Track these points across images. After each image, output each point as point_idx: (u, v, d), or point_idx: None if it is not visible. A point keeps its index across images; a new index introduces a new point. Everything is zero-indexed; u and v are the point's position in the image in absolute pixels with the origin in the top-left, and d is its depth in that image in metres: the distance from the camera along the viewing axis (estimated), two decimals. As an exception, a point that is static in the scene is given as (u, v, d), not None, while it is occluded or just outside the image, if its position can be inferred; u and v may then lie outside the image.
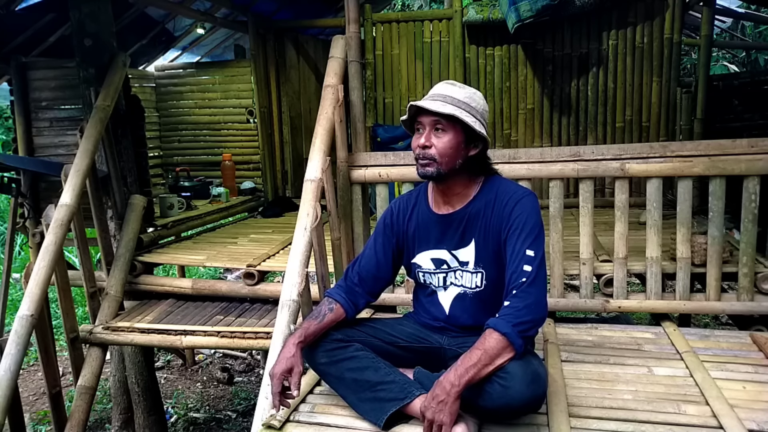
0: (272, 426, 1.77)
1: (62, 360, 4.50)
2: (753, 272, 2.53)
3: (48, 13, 3.94)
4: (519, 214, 1.77)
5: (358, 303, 1.96)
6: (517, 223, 1.76)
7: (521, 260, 1.72)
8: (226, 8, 5.08)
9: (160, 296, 3.37)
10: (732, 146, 2.47)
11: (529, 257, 1.71)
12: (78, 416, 2.77)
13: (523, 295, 1.68)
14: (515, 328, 1.63)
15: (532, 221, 1.76)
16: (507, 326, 1.63)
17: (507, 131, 4.77)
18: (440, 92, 1.80)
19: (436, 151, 1.78)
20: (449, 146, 1.77)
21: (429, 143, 1.78)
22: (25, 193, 3.80)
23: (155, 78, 5.51)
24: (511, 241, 1.76)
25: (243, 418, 4.38)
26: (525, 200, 1.79)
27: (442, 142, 1.77)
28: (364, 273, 1.98)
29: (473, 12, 4.57)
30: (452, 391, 1.58)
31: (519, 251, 1.73)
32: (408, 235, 1.98)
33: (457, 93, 1.79)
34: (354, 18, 2.89)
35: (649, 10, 4.41)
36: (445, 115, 1.74)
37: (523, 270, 1.70)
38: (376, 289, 2.02)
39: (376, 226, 2.08)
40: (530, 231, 1.75)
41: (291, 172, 5.51)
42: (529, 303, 1.67)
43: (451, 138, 1.77)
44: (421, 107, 1.77)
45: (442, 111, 1.73)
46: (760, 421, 1.71)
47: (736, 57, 9.33)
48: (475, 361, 1.60)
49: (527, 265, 1.70)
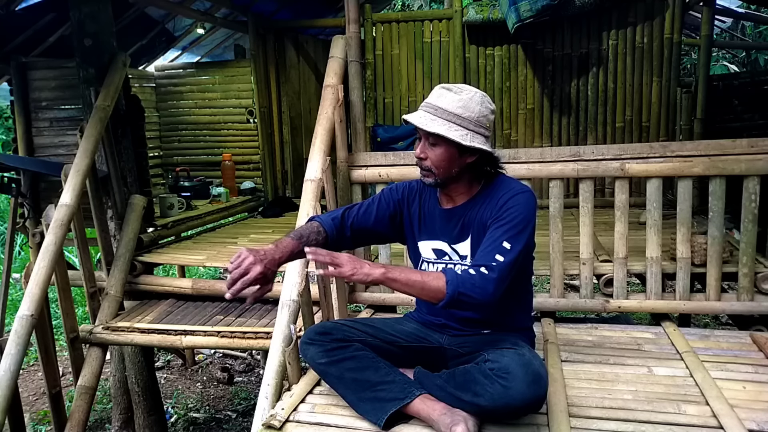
0: (272, 426, 1.77)
1: (62, 360, 4.50)
2: (753, 272, 2.53)
3: (48, 13, 3.94)
4: (509, 207, 1.76)
5: (343, 242, 1.99)
6: (505, 215, 1.75)
7: (496, 249, 1.69)
8: (226, 8, 5.08)
9: (160, 296, 3.37)
10: (732, 146, 2.47)
11: (504, 249, 1.68)
12: (78, 416, 2.77)
13: (483, 277, 1.65)
14: (459, 295, 1.64)
15: (519, 217, 1.73)
16: (453, 287, 1.64)
17: (507, 131, 4.77)
18: (433, 102, 1.79)
19: (431, 162, 1.81)
20: (442, 159, 1.79)
21: (424, 155, 1.82)
22: (25, 193, 3.80)
23: (155, 78, 5.51)
24: (493, 228, 1.75)
25: (243, 418, 4.38)
26: (519, 196, 1.78)
27: (435, 154, 1.80)
28: (357, 224, 1.99)
29: (473, 12, 4.57)
30: (374, 273, 1.65)
31: (497, 240, 1.70)
32: (412, 218, 1.99)
33: (450, 103, 1.77)
34: (354, 18, 2.89)
35: (649, 10, 4.41)
36: (432, 133, 1.76)
37: (494, 258, 1.67)
38: (361, 240, 2.09)
39: (383, 189, 2.08)
40: (515, 225, 1.72)
41: (291, 172, 5.51)
42: (486, 287, 1.64)
43: (443, 151, 1.78)
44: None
45: (429, 130, 1.74)
46: (760, 421, 1.71)
47: (736, 57, 9.32)
48: (411, 276, 1.69)
49: (500, 255, 1.67)
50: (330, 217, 1.97)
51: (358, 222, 1.98)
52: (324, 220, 1.95)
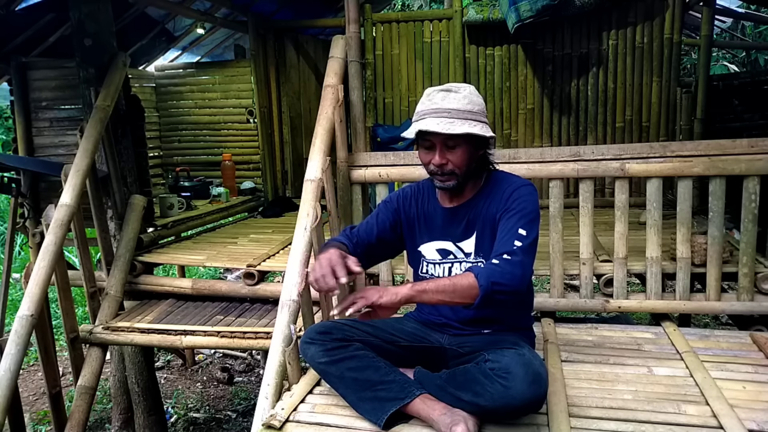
0: (272, 426, 1.77)
1: (62, 360, 4.50)
2: (753, 272, 2.53)
3: (48, 13, 3.93)
4: (516, 199, 1.80)
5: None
6: (514, 206, 1.79)
7: (513, 236, 1.73)
8: (226, 8, 5.08)
9: (160, 296, 3.37)
10: (732, 146, 2.47)
11: (521, 235, 1.73)
12: (78, 416, 2.77)
13: (509, 262, 1.68)
14: (492, 286, 1.64)
15: (529, 207, 1.79)
16: (485, 279, 1.64)
17: (507, 131, 4.77)
18: (441, 106, 1.78)
19: (453, 166, 1.81)
20: (465, 158, 1.81)
21: (445, 160, 1.81)
22: (25, 193, 3.79)
23: (155, 78, 5.51)
24: (505, 219, 1.79)
25: (243, 418, 4.37)
26: (523, 188, 1.83)
27: (457, 156, 1.80)
28: (363, 241, 1.99)
29: (473, 12, 4.57)
30: (401, 291, 1.70)
31: (512, 228, 1.75)
32: (411, 223, 2.00)
33: (458, 103, 1.78)
34: (354, 18, 2.89)
35: (649, 10, 4.41)
36: (459, 135, 1.76)
37: (513, 244, 1.71)
38: (372, 259, 2.08)
39: (379, 204, 2.10)
40: (526, 214, 1.77)
41: (291, 172, 5.51)
42: (514, 272, 1.66)
43: (465, 150, 1.81)
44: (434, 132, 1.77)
45: (456, 132, 1.74)
46: (760, 421, 1.71)
47: (736, 57, 9.32)
48: (439, 282, 1.71)
49: (518, 241, 1.72)
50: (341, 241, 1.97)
51: (366, 238, 2.00)
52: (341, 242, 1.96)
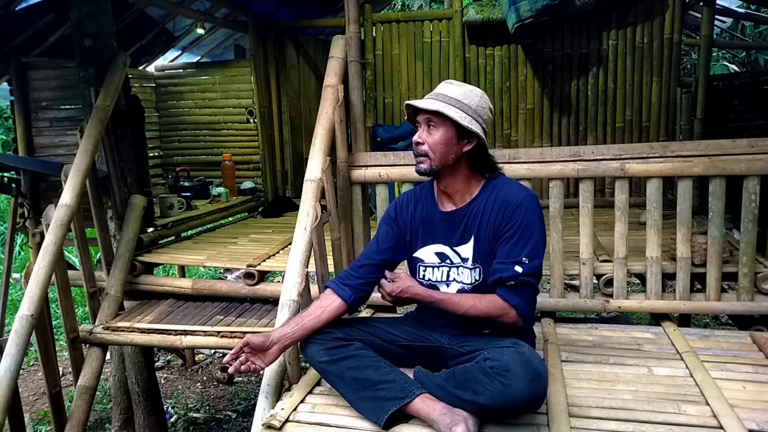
0: (272, 426, 1.77)
1: (62, 360, 4.50)
2: (753, 272, 2.53)
3: (48, 13, 3.94)
4: (518, 219, 1.81)
5: (359, 295, 1.97)
6: (515, 227, 1.81)
7: (515, 263, 1.78)
8: (226, 8, 5.08)
9: (160, 296, 3.37)
10: (732, 146, 2.47)
11: (524, 263, 1.78)
12: (78, 416, 2.77)
13: (520, 291, 1.79)
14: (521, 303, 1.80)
15: (531, 227, 1.81)
16: (515, 300, 1.79)
17: (507, 131, 4.77)
18: (437, 90, 1.88)
19: (428, 146, 1.85)
20: (440, 141, 1.84)
21: (422, 140, 1.87)
22: (25, 193, 3.79)
23: (155, 78, 5.51)
24: (507, 244, 1.81)
25: (243, 418, 4.37)
26: (525, 204, 1.83)
27: (432, 137, 1.85)
28: (365, 260, 1.99)
29: (473, 12, 4.57)
30: (427, 294, 1.84)
31: (516, 257, 1.79)
32: (412, 229, 2.00)
33: (452, 91, 1.85)
34: (354, 18, 2.89)
35: (649, 10, 4.41)
36: (433, 112, 1.81)
37: (514, 270, 1.77)
38: (374, 276, 2.02)
39: (379, 221, 2.12)
40: (529, 237, 1.80)
41: (291, 172, 5.51)
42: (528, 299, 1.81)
43: (442, 133, 1.84)
44: (414, 106, 1.87)
45: (429, 107, 1.81)
46: (760, 421, 1.71)
47: (736, 57, 9.32)
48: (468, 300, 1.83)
49: (519, 266, 1.78)
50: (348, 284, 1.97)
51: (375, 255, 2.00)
52: (343, 291, 1.95)
